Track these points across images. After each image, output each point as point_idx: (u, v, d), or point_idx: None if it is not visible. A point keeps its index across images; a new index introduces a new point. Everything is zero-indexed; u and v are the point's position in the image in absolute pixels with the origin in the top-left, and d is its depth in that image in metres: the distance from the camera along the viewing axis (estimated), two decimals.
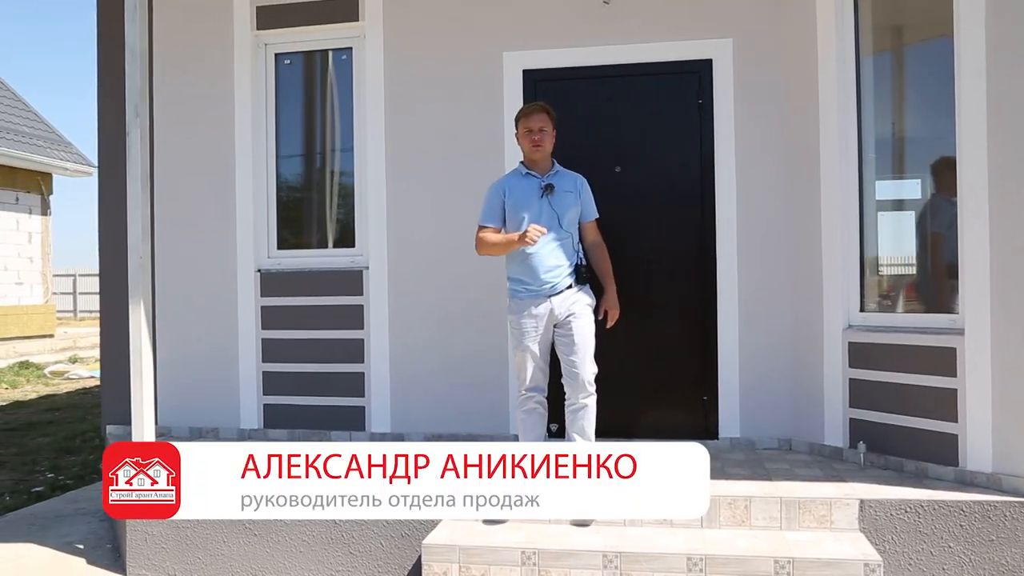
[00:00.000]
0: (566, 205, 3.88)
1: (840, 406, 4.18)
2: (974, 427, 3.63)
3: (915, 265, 4.26)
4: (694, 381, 4.60)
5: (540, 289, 3.80)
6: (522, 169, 3.96)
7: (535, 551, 3.42)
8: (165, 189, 5.11)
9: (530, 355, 3.83)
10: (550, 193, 3.86)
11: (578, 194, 3.96)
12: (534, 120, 3.87)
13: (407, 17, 4.85)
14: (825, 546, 3.37)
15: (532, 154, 3.90)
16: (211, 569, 4.05)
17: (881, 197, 4.26)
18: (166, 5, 5.09)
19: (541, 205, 3.85)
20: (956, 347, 3.68)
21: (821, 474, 3.93)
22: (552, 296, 3.80)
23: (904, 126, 4.33)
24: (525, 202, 3.87)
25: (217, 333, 5.05)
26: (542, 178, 3.90)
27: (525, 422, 3.90)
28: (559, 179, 3.92)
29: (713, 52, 4.54)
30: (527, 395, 3.88)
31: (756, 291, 4.52)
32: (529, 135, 3.87)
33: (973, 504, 3.45)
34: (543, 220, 3.80)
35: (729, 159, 4.53)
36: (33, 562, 4.35)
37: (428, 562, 3.51)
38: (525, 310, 3.83)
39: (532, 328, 3.82)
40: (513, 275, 3.91)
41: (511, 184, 3.95)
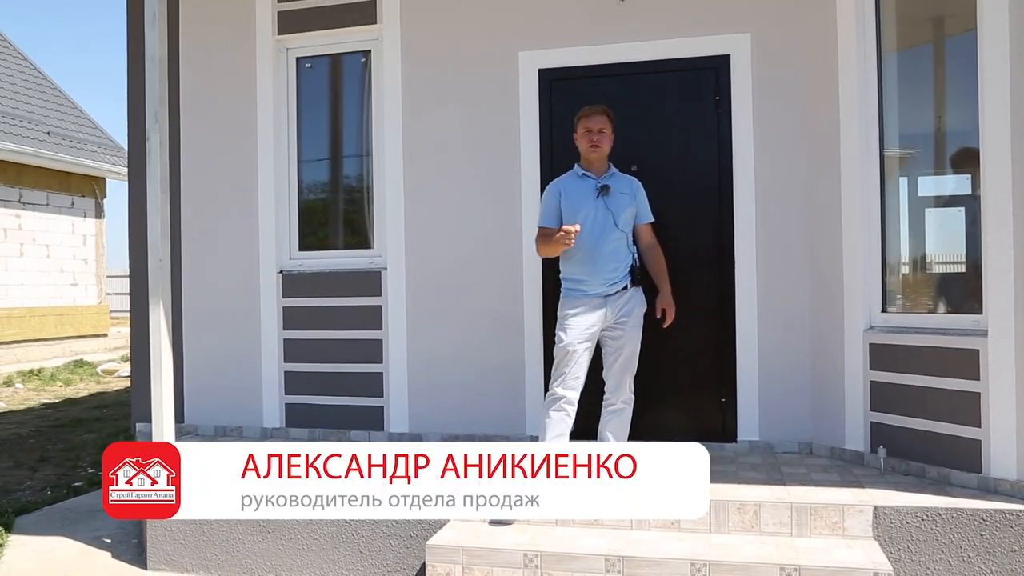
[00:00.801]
0: (621, 206, 3.92)
1: (861, 409, 4.06)
2: (998, 432, 3.48)
3: (938, 264, 4.10)
4: (712, 382, 4.52)
5: (597, 290, 3.84)
6: (578, 170, 4.01)
7: (537, 553, 3.40)
8: (192, 193, 5.22)
9: (573, 353, 3.80)
10: (606, 194, 3.91)
11: (633, 196, 4.01)
12: (594, 121, 3.91)
13: (424, 19, 4.87)
14: (835, 554, 3.27)
15: (589, 154, 3.94)
16: (227, 565, 4.13)
17: (904, 195, 4.12)
18: (192, 12, 5.21)
19: (596, 205, 3.88)
20: (979, 349, 3.54)
21: (838, 479, 3.82)
22: (608, 297, 3.84)
23: (928, 123, 4.18)
24: (581, 203, 3.90)
25: (241, 333, 5.14)
26: (598, 179, 3.94)
27: (551, 422, 3.83)
28: (615, 181, 3.97)
29: (731, 47, 4.45)
30: (559, 396, 3.82)
31: (775, 291, 4.41)
32: (588, 135, 3.91)
33: (994, 512, 3.31)
34: (598, 220, 3.86)
35: (747, 157, 4.43)
36: (62, 555, 4.49)
37: (432, 563, 3.51)
38: (579, 309, 3.84)
39: (581, 327, 3.81)
40: (570, 275, 3.93)
41: (567, 185, 3.99)
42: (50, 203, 13.18)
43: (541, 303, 4.66)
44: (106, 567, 4.34)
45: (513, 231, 4.72)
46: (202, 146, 5.22)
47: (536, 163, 4.69)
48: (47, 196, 13.14)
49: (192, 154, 5.22)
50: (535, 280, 4.68)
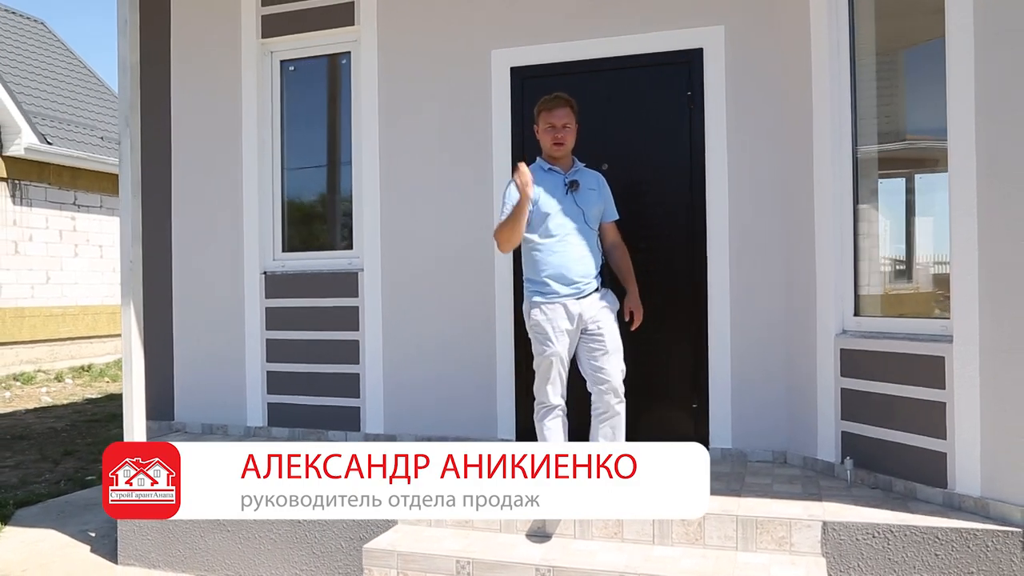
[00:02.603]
0: (590, 202, 3.72)
1: (832, 418, 3.86)
2: (963, 445, 3.26)
3: (911, 266, 3.87)
4: (683, 388, 4.37)
5: (570, 291, 3.62)
6: (544, 164, 3.76)
7: (469, 561, 3.34)
8: (182, 195, 5.33)
9: (557, 360, 3.61)
10: (575, 190, 3.69)
11: (599, 192, 3.80)
12: (557, 116, 3.67)
13: (400, 20, 4.86)
14: (773, 571, 3.11)
15: (553, 152, 3.72)
16: (190, 562, 4.19)
17: (879, 195, 3.90)
18: (182, 17, 5.31)
19: (566, 201, 3.67)
20: (945, 356, 3.32)
21: (800, 492, 3.64)
22: (581, 299, 3.62)
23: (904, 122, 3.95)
24: (547, 195, 3.66)
25: (227, 333, 5.22)
26: (565, 174, 3.73)
27: (551, 431, 3.67)
28: (583, 176, 3.76)
29: (704, 41, 4.29)
30: (553, 405, 3.66)
31: (749, 294, 4.24)
32: (552, 132, 3.68)
33: (950, 531, 3.09)
34: (568, 217, 3.65)
35: (721, 154, 4.27)
36: (47, 547, 4.64)
37: (368, 566, 3.49)
38: (554, 314, 3.60)
39: (563, 333, 3.61)
40: (537, 277, 3.67)
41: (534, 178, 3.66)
42: (103, 205, 13.68)
43: (512, 303, 4.59)
44: (82, 560, 4.46)
45: (486, 231, 4.65)
46: (191, 148, 5.32)
47: (508, 163, 4.61)
48: (101, 198, 13.64)
49: (182, 156, 5.32)
50: (506, 280, 4.61)
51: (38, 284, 12.69)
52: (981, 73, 3.17)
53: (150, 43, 5.27)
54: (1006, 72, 3.11)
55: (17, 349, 12.38)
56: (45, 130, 12.56)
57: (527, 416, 4.53)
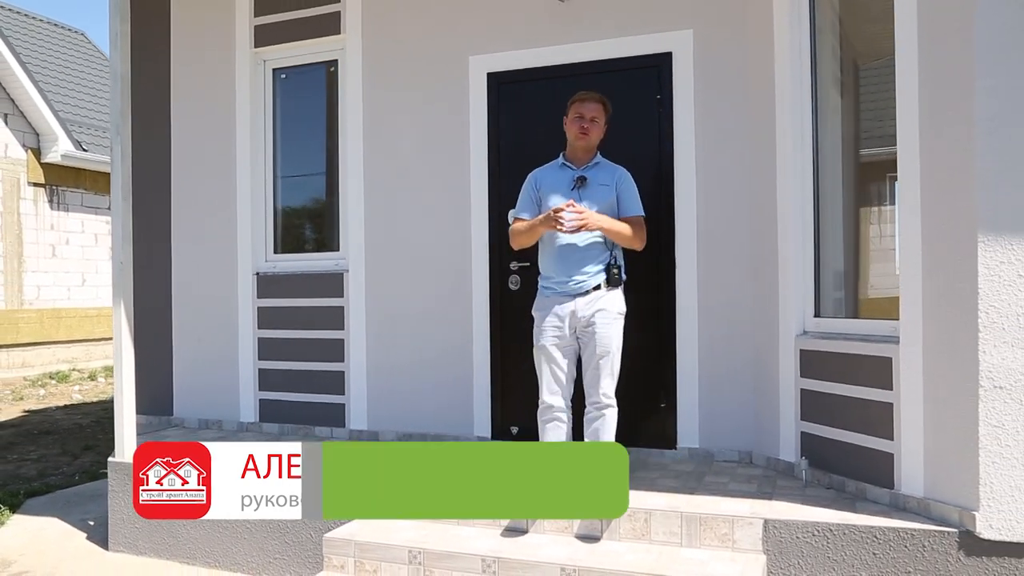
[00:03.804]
0: (598, 198, 3.64)
1: (793, 418, 3.88)
2: (908, 447, 3.26)
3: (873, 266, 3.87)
4: (651, 386, 4.41)
5: (564, 288, 3.59)
6: (560, 159, 3.79)
7: (421, 551, 3.44)
8: (181, 200, 5.55)
9: (546, 357, 3.61)
10: (582, 186, 3.66)
11: (614, 188, 3.72)
12: (588, 108, 3.68)
13: (384, 28, 5.00)
14: (711, 566, 3.16)
15: (576, 141, 3.70)
16: (173, 550, 4.38)
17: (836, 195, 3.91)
18: (182, 27, 5.54)
19: (571, 197, 3.62)
20: (892, 357, 3.33)
21: (754, 491, 3.67)
22: (577, 296, 3.58)
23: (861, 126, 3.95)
24: (552, 194, 3.67)
25: (222, 332, 5.42)
26: (577, 170, 3.71)
27: (543, 434, 3.68)
28: (596, 171, 3.70)
29: (673, 44, 4.35)
30: (546, 404, 3.65)
31: (717, 293, 4.28)
32: (579, 121, 3.67)
33: (888, 531, 3.11)
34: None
35: (689, 156, 4.32)
36: (47, 534, 4.88)
37: (328, 555, 3.62)
38: (548, 309, 3.62)
39: (553, 328, 3.59)
40: (542, 271, 3.73)
41: (543, 175, 3.79)
42: None
43: (487, 305, 4.70)
44: (77, 547, 4.68)
45: (463, 233, 4.78)
46: (189, 154, 5.53)
47: (484, 168, 4.73)
48: None
49: (181, 162, 5.54)
50: (482, 280, 4.72)
51: (74, 286, 13.18)
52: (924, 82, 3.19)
53: (152, 55, 5.53)
54: (941, 85, 3.13)
55: (54, 349, 12.88)
56: (81, 137, 13.04)
57: (503, 414, 4.67)
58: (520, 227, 3.70)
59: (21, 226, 12.52)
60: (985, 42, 2.95)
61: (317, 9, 5.15)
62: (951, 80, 3.08)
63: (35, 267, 12.62)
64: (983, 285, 2.96)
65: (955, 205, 3.06)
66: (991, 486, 2.95)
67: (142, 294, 5.56)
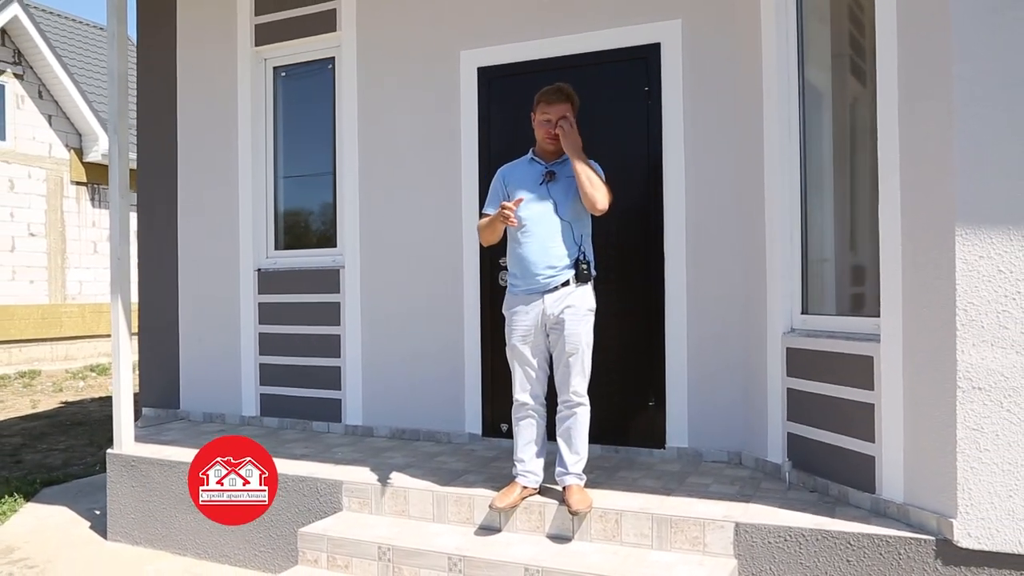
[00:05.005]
0: (566, 191, 3.52)
1: (780, 419, 3.76)
2: (889, 450, 3.13)
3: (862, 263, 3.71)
4: (640, 385, 4.32)
5: (532, 285, 3.49)
6: (530, 155, 3.69)
7: (390, 547, 3.43)
8: (187, 197, 5.64)
9: (517, 355, 3.55)
10: (551, 180, 3.55)
11: None
12: (555, 109, 3.53)
13: (378, 24, 5.00)
14: (678, 570, 3.07)
15: (546, 145, 3.60)
16: (166, 540, 4.45)
17: (826, 190, 3.77)
18: (188, 28, 5.62)
19: (538, 192, 3.54)
20: (873, 355, 3.19)
21: (735, 493, 3.56)
22: (545, 293, 3.48)
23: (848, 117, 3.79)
24: (520, 190, 3.56)
25: (225, 328, 5.49)
26: (546, 165, 3.61)
27: (518, 430, 3.62)
28: (566, 166, 3.55)
29: (661, 35, 4.25)
30: (518, 402, 3.60)
31: (706, 291, 4.17)
32: (546, 125, 3.55)
33: (863, 537, 2.98)
34: (537, 209, 3.52)
35: (678, 149, 4.22)
36: (54, 522, 5.01)
37: (302, 548, 3.64)
38: (516, 306, 3.55)
39: (521, 326, 3.52)
40: (509, 268, 3.65)
41: (511, 171, 3.70)
42: None
43: (478, 300, 4.66)
44: (79, 535, 4.79)
45: (454, 228, 4.75)
46: (196, 154, 5.61)
47: (475, 163, 4.69)
48: None
49: (186, 160, 5.63)
50: (473, 276, 4.69)
51: None
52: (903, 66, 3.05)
53: (160, 54, 5.63)
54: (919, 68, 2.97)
55: (95, 343, 13.25)
56: None
57: (494, 411, 4.63)
58: (482, 223, 3.64)
59: (64, 223, 12.91)
60: (961, 25, 2.80)
61: (314, 7, 5.17)
62: (928, 64, 2.93)
63: (77, 263, 13.00)
64: (961, 280, 2.82)
65: (933, 196, 2.92)
66: (969, 492, 2.81)
67: (150, 291, 5.68)
